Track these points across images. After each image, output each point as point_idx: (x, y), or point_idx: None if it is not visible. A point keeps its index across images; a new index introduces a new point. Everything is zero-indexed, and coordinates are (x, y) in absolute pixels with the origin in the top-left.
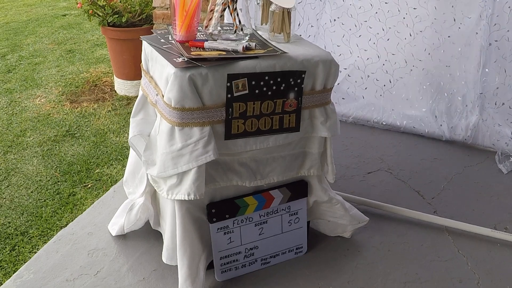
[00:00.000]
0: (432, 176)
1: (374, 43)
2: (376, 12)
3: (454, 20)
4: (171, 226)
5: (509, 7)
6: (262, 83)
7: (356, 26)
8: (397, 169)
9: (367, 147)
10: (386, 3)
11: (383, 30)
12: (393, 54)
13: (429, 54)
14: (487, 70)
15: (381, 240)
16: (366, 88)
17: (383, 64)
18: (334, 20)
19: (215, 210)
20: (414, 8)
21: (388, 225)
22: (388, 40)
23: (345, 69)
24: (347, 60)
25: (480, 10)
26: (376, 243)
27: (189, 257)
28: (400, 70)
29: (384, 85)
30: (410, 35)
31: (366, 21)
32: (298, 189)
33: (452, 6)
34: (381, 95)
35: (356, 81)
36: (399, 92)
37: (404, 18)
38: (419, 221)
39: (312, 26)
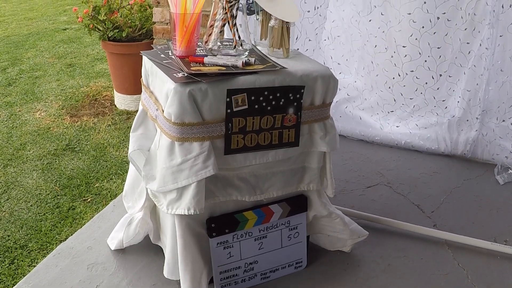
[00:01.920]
0: (431, 190)
1: (372, 62)
2: (365, 44)
3: (460, 40)
4: (172, 241)
5: (499, 19)
6: (261, 98)
7: (354, 47)
8: (397, 183)
9: (367, 161)
10: (375, 37)
11: (386, 49)
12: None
13: (429, 68)
14: (490, 88)
15: (381, 254)
16: (363, 109)
17: (381, 91)
18: (334, 38)
19: (215, 224)
20: (414, 22)
21: (388, 239)
22: (386, 60)
23: (344, 87)
24: (347, 80)
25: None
26: (376, 257)
27: (191, 271)
28: (403, 88)
29: (384, 102)
30: (406, 56)
31: (356, 50)
32: (298, 203)
33: (456, 24)
34: (378, 114)
35: (354, 101)
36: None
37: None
38: (419, 235)
39: (310, 40)
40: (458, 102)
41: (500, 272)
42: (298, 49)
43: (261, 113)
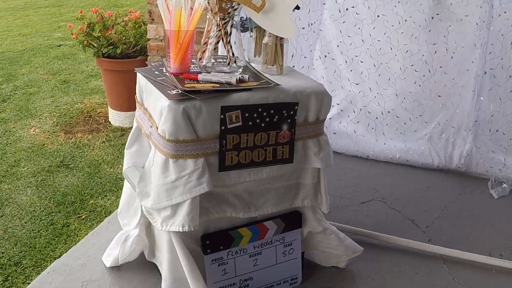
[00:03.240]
0: (426, 205)
1: (366, 76)
2: (368, 48)
3: (446, 50)
4: (168, 258)
5: (502, 35)
6: (255, 115)
7: (347, 62)
8: (391, 199)
9: (361, 177)
10: (379, 40)
11: (374, 66)
12: (384, 89)
13: (420, 86)
14: (482, 98)
15: (376, 270)
16: (358, 122)
17: (375, 97)
18: (325, 56)
19: (209, 241)
20: (405, 44)
21: (383, 255)
22: (379, 75)
23: (338, 104)
24: (339, 96)
25: (475, 39)
26: (371, 272)
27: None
28: (391, 102)
29: (376, 118)
30: (400, 69)
31: (357, 56)
32: (292, 220)
33: (444, 36)
34: (373, 128)
35: (348, 115)
36: (391, 124)
37: (395, 55)
38: (414, 249)
39: (305, 57)
40: (451, 114)
41: (496, 286)
42: (294, 66)
43: (255, 129)
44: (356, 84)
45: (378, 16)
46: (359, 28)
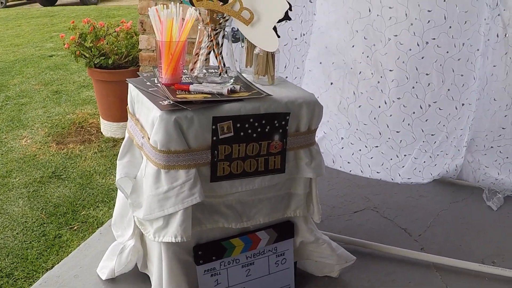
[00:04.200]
0: (418, 213)
1: (344, 108)
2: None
3: (443, 81)
4: (158, 269)
5: (506, 53)
6: (247, 125)
7: (324, 83)
8: (383, 208)
9: (353, 186)
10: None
11: (354, 94)
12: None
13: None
14: (479, 118)
15: (368, 279)
16: (342, 148)
17: (357, 130)
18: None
19: (202, 252)
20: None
21: (376, 264)
22: (359, 107)
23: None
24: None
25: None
26: (364, 281)
27: None
28: (374, 140)
29: (360, 150)
30: (386, 103)
31: (337, 80)
32: (284, 230)
33: (441, 65)
34: (359, 150)
35: (331, 140)
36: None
37: (378, 82)
38: (407, 258)
39: (298, 67)
40: (447, 137)
41: None
42: (286, 77)
43: (247, 140)
44: (339, 103)
45: (357, 31)
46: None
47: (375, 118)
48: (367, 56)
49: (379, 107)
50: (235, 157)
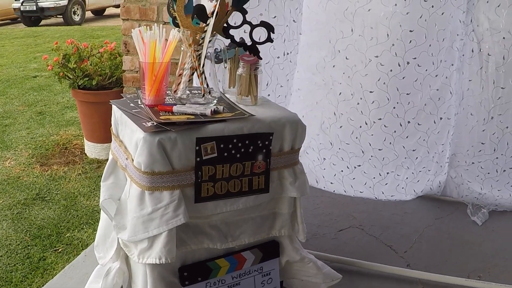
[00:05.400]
0: (403, 230)
1: (327, 128)
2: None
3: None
4: None
5: (481, 67)
6: (230, 146)
7: (308, 106)
8: (368, 225)
9: (338, 204)
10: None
11: (334, 114)
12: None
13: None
14: (459, 133)
15: None
16: (324, 169)
17: (338, 151)
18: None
19: (187, 273)
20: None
21: (362, 281)
22: (340, 127)
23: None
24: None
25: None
26: None
27: None
28: (356, 159)
29: (343, 171)
30: (366, 124)
31: (317, 102)
32: (270, 249)
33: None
34: (341, 171)
35: (314, 160)
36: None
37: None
38: (393, 275)
39: (281, 86)
40: (428, 152)
41: None
42: (269, 95)
43: (231, 160)
44: (323, 123)
45: (339, 51)
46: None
47: (357, 138)
48: (348, 77)
49: (360, 127)
50: (219, 178)
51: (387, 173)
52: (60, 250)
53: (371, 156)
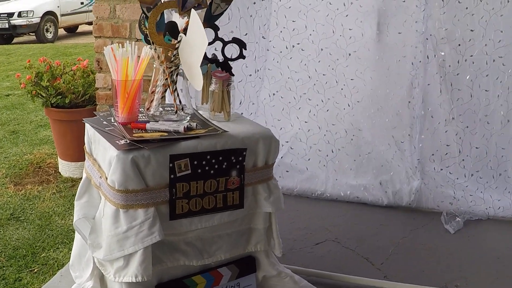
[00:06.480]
0: (379, 242)
1: (314, 115)
2: (314, 84)
3: (387, 91)
4: None
5: (436, 72)
6: (204, 162)
7: (295, 98)
8: (344, 238)
9: (313, 218)
10: (324, 74)
11: (322, 101)
12: (333, 125)
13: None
14: (423, 136)
15: None
16: (309, 159)
17: (324, 135)
18: (273, 94)
19: None
20: (352, 79)
21: None
22: (327, 111)
23: (287, 142)
24: (289, 133)
25: (411, 78)
26: None
27: None
28: (341, 139)
29: (327, 155)
30: (349, 106)
31: (305, 93)
32: (246, 265)
33: (386, 77)
34: (324, 165)
35: (298, 153)
36: (341, 161)
37: (342, 89)
38: (370, 287)
39: (253, 103)
40: (395, 153)
41: None
42: (242, 113)
43: (205, 177)
44: (305, 122)
45: (322, 49)
46: (305, 64)
47: (341, 118)
48: (332, 69)
49: (344, 109)
50: (194, 195)
51: (365, 154)
52: (35, 270)
53: (353, 135)
